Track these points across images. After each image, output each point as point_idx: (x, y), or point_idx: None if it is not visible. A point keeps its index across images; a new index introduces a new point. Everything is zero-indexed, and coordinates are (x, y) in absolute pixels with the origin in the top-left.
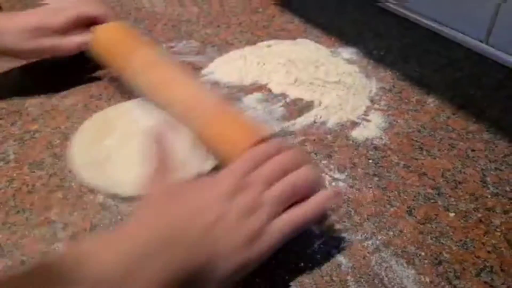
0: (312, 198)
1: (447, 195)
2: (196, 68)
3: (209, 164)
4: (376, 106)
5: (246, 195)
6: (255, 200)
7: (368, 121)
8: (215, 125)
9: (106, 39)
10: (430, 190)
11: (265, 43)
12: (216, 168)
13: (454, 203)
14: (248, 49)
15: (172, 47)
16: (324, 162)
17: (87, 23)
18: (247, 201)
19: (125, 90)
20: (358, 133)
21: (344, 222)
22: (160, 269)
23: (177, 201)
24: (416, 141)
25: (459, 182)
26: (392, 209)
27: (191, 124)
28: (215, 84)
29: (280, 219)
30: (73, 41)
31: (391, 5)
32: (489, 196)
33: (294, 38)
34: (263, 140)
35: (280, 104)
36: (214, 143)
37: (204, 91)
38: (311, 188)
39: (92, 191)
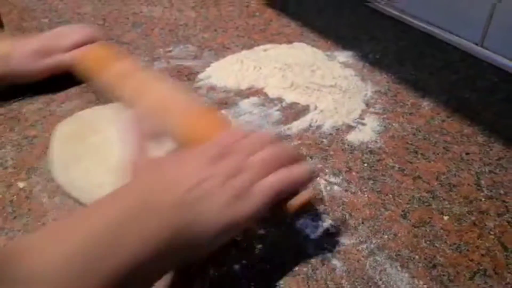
0: (295, 165)
1: (442, 198)
2: (193, 73)
3: None
4: (371, 109)
5: (229, 161)
6: (238, 165)
7: (364, 124)
8: (186, 124)
9: (90, 58)
10: (424, 194)
11: (262, 47)
12: None
13: (448, 206)
14: (244, 53)
15: (169, 51)
16: (320, 165)
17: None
18: (230, 165)
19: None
20: (353, 137)
21: (339, 225)
22: (143, 231)
23: (156, 171)
24: (411, 144)
25: (454, 185)
26: (386, 213)
27: (166, 126)
28: (212, 88)
29: (264, 181)
30: (68, 58)
31: (380, 5)
32: (483, 199)
33: (290, 42)
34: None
35: (276, 108)
36: (186, 140)
37: (175, 94)
38: (291, 159)
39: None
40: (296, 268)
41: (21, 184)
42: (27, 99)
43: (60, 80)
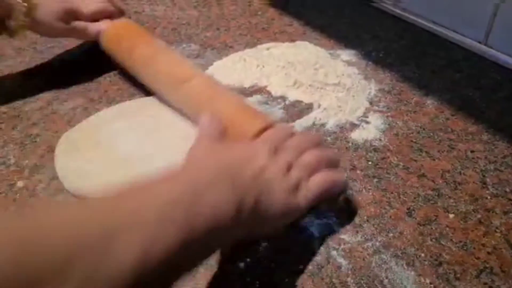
0: (336, 171)
1: (447, 196)
2: None
3: None
4: (375, 107)
5: (285, 156)
6: (292, 161)
7: (368, 122)
8: (224, 111)
9: (116, 33)
10: (429, 191)
11: (265, 45)
12: None
13: (453, 204)
14: (247, 52)
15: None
16: None
17: (106, 17)
18: (286, 160)
19: (125, 94)
20: (357, 135)
21: (344, 223)
22: (225, 194)
23: (227, 150)
24: (416, 142)
25: (459, 183)
26: (392, 211)
27: (196, 110)
28: None
29: (316, 177)
30: (97, 27)
31: (386, 5)
32: (489, 197)
33: (293, 40)
34: (271, 125)
35: (280, 106)
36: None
37: (213, 81)
38: (333, 162)
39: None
40: (301, 266)
41: (23, 183)
42: (29, 98)
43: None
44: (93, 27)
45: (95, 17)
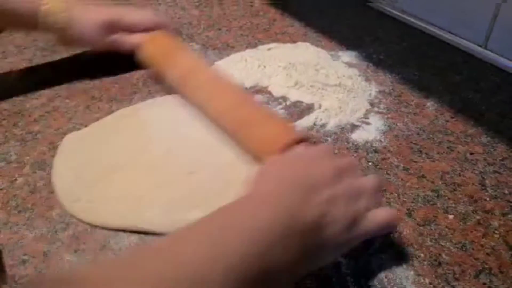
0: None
1: (446, 198)
2: None
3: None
4: (375, 109)
5: (351, 178)
6: (359, 185)
7: (368, 124)
8: (250, 124)
9: (156, 46)
10: (429, 193)
11: (266, 46)
12: None
13: (453, 205)
14: (248, 52)
15: None
16: None
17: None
18: (352, 184)
19: (126, 92)
20: (357, 136)
21: None
22: (285, 249)
23: (288, 182)
24: (415, 144)
25: (458, 185)
26: None
27: (225, 122)
28: None
29: (378, 210)
30: (135, 40)
31: (382, 6)
32: (488, 199)
33: (294, 41)
34: (301, 139)
35: (281, 106)
36: (250, 141)
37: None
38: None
39: None
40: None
41: (24, 179)
42: (31, 94)
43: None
44: (131, 41)
45: (135, 29)
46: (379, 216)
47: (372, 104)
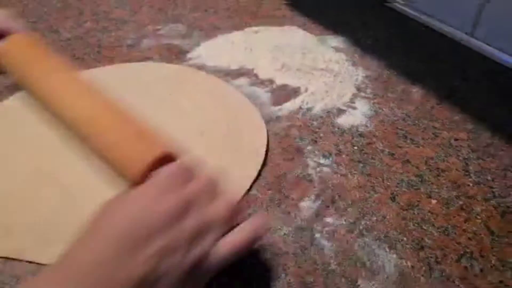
0: (247, 222)
1: (430, 183)
2: (183, 51)
3: None
4: (362, 94)
5: (201, 209)
6: (208, 217)
7: (354, 108)
8: (107, 142)
9: (14, 49)
10: (413, 177)
11: (253, 29)
12: None
13: (436, 190)
14: (235, 34)
15: (158, 29)
16: (309, 147)
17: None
18: (199, 219)
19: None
20: (343, 120)
21: (328, 207)
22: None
23: (119, 226)
24: (401, 129)
25: (442, 170)
26: (376, 195)
27: (80, 135)
28: (202, 67)
29: (224, 242)
30: None
31: (398, 5)
32: (471, 185)
33: (281, 25)
34: (167, 156)
35: (267, 89)
36: (106, 160)
37: (110, 106)
38: (240, 212)
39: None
40: (285, 248)
41: None
42: None
43: None
44: None
45: None
46: (229, 243)
47: (358, 89)
